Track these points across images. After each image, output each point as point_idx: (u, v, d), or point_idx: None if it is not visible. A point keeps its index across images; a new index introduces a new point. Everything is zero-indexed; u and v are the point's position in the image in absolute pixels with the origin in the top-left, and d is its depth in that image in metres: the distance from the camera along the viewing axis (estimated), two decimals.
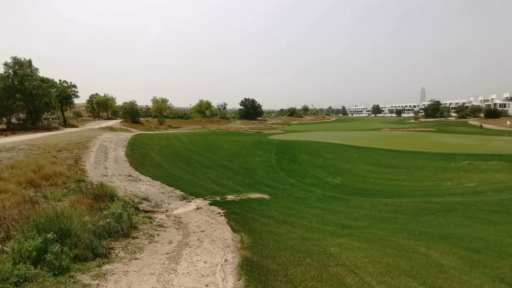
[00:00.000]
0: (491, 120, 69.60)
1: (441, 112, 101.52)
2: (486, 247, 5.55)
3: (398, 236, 6.63)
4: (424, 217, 8.66)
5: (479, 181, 13.80)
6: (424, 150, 25.33)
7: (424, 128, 58.33)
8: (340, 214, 9.68)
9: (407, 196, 12.14)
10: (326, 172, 18.42)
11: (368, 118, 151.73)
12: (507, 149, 24.32)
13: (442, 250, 5.29)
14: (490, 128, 54.42)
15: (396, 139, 36.49)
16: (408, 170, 17.91)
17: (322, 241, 6.20)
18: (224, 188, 13.42)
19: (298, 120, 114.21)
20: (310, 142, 31.54)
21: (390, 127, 68.48)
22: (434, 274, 4.03)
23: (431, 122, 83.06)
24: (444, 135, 40.86)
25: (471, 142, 30.28)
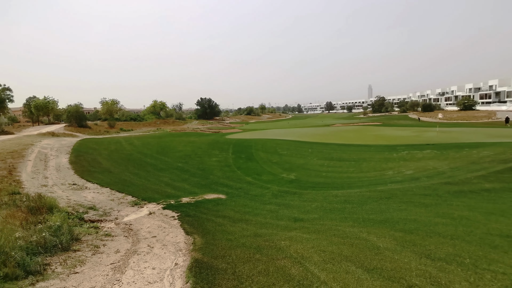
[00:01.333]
0: (427, 113, 77.10)
1: (386, 107, 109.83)
2: (417, 227, 6.15)
3: (345, 225, 7.06)
4: (368, 205, 9.32)
5: (415, 168, 15.23)
6: (371, 143, 27.24)
7: (371, 123, 62.69)
8: (294, 208, 10.01)
9: (355, 187, 12.95)
10: (282, 168, 18.90)
11: (322, 115, 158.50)
12: (438, 139, 27.18)
13: (380, 234, 5.75)
14: (426, 121, 60.22)
15: (347, 134, 38.70)
16: (356, 162, 19.11)
17: (274, 236, 6.37)
18: (179, 191, 13.10)
19: (256, 118, 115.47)
20: (266, 140, 32.09)
21: (342, 122, 72.38)
22: (371, 256, 4.37)
23: (377, 116, 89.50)
24: (388, 128, 44.34)
25: (410, 134, 33.28)
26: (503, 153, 15.55)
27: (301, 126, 64.81)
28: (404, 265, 3.97)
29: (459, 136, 28.88)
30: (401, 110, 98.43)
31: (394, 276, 3.62)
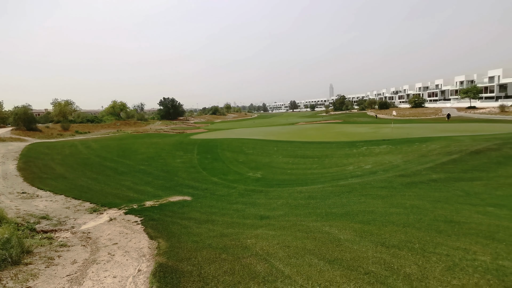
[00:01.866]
0: (383, 110, 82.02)
1: (346, 105, 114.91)
2: (374, 218, 6.56)
3: (309, 220, 7.31)
4: (331, 199, 9.73)
5: (373, 163, 16.17)
6: (333, 140, 28.39)
7: (333, 120, 65.30)
8: (260, 206, 10.13)
9: (318, 183, 13.43)
10: (248, 167, 19.01)
11: (286, 114, 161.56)
12: (393, 134, 29.08)
13: (341, 227, 6.04)
14: (383, 118, 64.02)
15: (310, 132, 39.93)
16: (319, 159, 19.82)
17: (241, 235, 6.41)
18: (142, 195, 12.64)
19: (222, 118, 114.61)
20: (232, 140, 32.04)
21: (305, 121, 74.41)
22: (332, 248, 4.59)
23: (338, 114, 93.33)
24: (348, 125, 46.51)
25: (368, 130, 35.20)
26: (447, 146, 17.06)
27: (266, 125, 65.58)
28: (362, 254, 4.22)
29: (411, 131, 31.13)
30: (360, 108, 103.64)
31: (353, 265, 3.84)
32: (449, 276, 3.42)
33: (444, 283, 3.25)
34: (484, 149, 14.74)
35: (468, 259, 3.87)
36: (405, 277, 3.43)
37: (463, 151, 14.96)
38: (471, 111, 59.26)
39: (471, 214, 6.72)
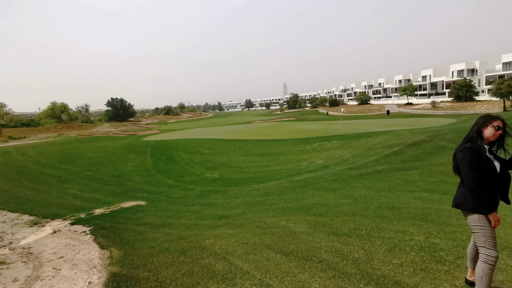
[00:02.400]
0: (333, 108, 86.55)
1: (299, 103, 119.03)
2: (327, 210, 6.95)
3: (266, 216, 7.49)
4: (287, 195, 10.07)
5: (325, 158, 17.06)
6: (287, 137, 29.28)
7: (288, 118, 67.25)
8: (219, 206, 10.11)
9: (275, 179, 13.78)
10: (205, 167, 18.79)
11: (242, 112, 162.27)
12: (343, 130, 30.93)
13: (297, 220, 6.30)
14: (333, 114, 67.58)
15: (266, 130, 40.67)
16: (275, 156, 20.32)
17: (199, 236, 6.35)
18: (91, 202, 11.81)
19: (176, 118, 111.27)
20: (188, 140, 31.36)
21: (261, 119, 75.52)
22: (288, 241, 4.78)
23: (292, 112, 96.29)
24: (301, 122, 48.31)
25: (320, 127, 36.96)
26: (389, 140, 18.66)
27: (222, 124, 65.23)
28: (316, 244, 4.47)
29: (358, 127, 33.39)
30: (312, 106, 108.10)
31: (308, 255, 4.05)
32: (390, 256, 3.79)
33: (386, 263, 3.59)
34: (419, 141, 16.41)
35: (406, 240, 4.33)
36: (354, 261, 3.73)
37: (402, 143, 16.50)
38: (409, 107, 65.37)
39: (409, 200, 7.47)
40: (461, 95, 57.19)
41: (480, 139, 2.65)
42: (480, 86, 63.65)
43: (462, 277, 3.18)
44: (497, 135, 2.58)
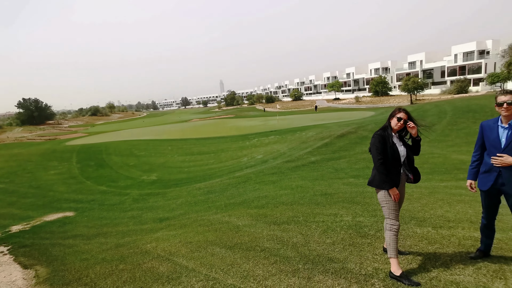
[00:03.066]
0: (270, 104, 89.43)
1: (237, 100, 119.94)
2: (268, 202, 7.28)
3: (209, 213, 7.51)
4: (229, 191, 10.20)
5: (264, 153, 17.67)
6: (227, 134, 29.42)
7: (226, 115, 67.34)
8: (159, 209, 9.75)
9: (216, 177, 13.80)
10: (141, 170, 17.81)
11: (178, 111, 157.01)
12: (279, 125, 32.32)
13: (239, 214, 6.48)
14: (270, 111, 69.88)
15: (205, 128, 40.15)
16: (215, 154, 20.28)
17: (139, 242, 6.07)
18: (6, 219, 10.30)
19: (105, 119, 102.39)
20: (120, 142, 29.20)
21: (199, 117, 74.14)
22: (232, 235, 4.91)
23: (230, 109, 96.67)
24: (240, 119, 48.92)
25: (258, 123, 37.97)
26: (321, 133, 20.18)
27: (158, 123, 62.22)
28: (258, 235, 4.69)
29: (293, 122, 35.23)
30: (249, 103, 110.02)
31: (251, 246, 4.24)
32: (324, 237, 4.21)
33: (320, 244, 3.98)
34: (346, 132, 18.12)
35: (337, 221, 4.83)
36: (293, 245, 4.03)
37: (332, 135, 18.00)
38: (337, 102, 71.26)
39: (339, 186, 8.27)
40: (378, 90, 64.54)
41: (390, 128, 3.14)
42: (392, 83, 72.65)
43: (380, 246, 3.72)
44: (399, 124, 3.08)
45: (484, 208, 3.20)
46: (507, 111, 2.84)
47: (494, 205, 3.10)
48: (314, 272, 3.24)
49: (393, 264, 3.00)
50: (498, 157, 2.87)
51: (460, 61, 56.98)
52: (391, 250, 3.03)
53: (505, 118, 2.90)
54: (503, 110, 2.87)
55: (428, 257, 3.40)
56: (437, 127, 17.20)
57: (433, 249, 3.59)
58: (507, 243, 3.54)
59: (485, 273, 2.93)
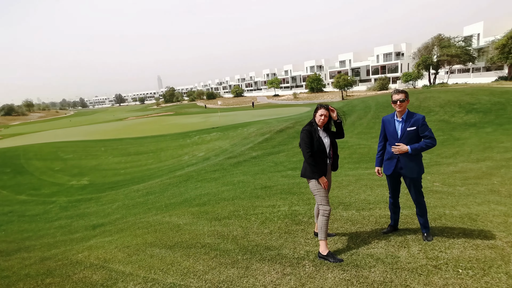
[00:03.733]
0: (211, 100, 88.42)
1: (176, 97, 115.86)
2: (209, 199, 7.32)
3: (148, 215, 7.24)
4: (169, 191, 9.93)
5: (206, 150, 17.53)
6: (166, 132, 28.33)
7: (165, 113, 64.61)
8: (92, 215, 9.06)
9: (156, 177, 13.27)
10: (69, 175, 16.19)
11: (112, 109, 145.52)
12: (221, 122, 32.29)
13: (180, 214, 6.40)
14: (211, 107, 69.16)
15: (142, 126, 37.99)
16: (155, 153, 19.43)
17: (69, 252, 5.59)
18: None
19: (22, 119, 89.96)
20: (42, 145, 26.00)
21: (135, 115, 69.75)
22: (172, 235, 4.86)
23: (170, 106, 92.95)
24: (180, 117, 47.46)
25: (199, 120, 37.34)
26: (261, 128, 20.77)
27: (88, 123, 56.82)
28: (199, 232, 4.73)
29: (235, 118, 35.49)
30: (190, 99, 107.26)
31: (192, 243, 4.26)
32: (263, 228, 4.44)
33: (259, 234, 4.20)
34: (285, 127, 18.98)
35: (275, 212, 5.12)
36: (233, 238, 4.18)
37: (272, 131, 18.68)
38: (276, 98, 73.77)
39: (278, 178, 8.70)
40: (314, 87, 68.72)
41: (315, 123, 3.45)
42: (326, 80, 78.00)
43: (312, 231, 4.08)
44: (322, 120, 3.41)
45: (389, 190, 3.75)
46: (400, 107, 3.37)
47: (397, 186, 3.67)
48: (252, 261, 3.42)
49: (322, 245, 3.34)
50: (396, 146, 3.40)
51: (381, 61, 63.81)
52: (322, 233, 3.36)
53: (399, 113, 3.43)
54: (397, 107, 3.39)
55: (350, 236, 3.85)
56: (363, 120, 19.09)
57: (355, 228, 4.08)
58: (411, 217, 4.20)
59: (394, 244, 3.46)
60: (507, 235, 3.53)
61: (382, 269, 2.96)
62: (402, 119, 3.40)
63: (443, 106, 18.00)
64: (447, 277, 2.72)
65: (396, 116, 3.47)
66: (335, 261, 3.18)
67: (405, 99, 3.34)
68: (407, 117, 3.37)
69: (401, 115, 3.41)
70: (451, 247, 3.29)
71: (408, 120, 3.36)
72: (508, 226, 3.85)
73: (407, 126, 3.34)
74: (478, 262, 2.94)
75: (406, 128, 3.35)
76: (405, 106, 3.39)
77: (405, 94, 3.35)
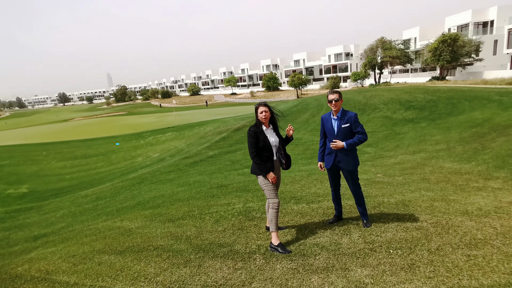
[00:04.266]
0: (166, 99, 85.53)
1: (129, 96, 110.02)
2: (164, 201, 7.15)
3: (98, 221, 6.86)
4: (122, 195, 9.48)
5: (161, 151, 16.99)
6: (118, 133, 26.84)
7: (116, 113, 61.07)
8: (33, 226, 8.32)
9: (106, 181, 12.55)
10: (5, 183, 14.63)
11: (55, 109, 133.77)
12: (176, 121, 31.46)
13: (133, 217, 6.17)
14: (166, 106, 66.95)
15: (91, 127, 35.51)
16: (105, 156, 18.32)
17: (7, 267, 5.10)
18: None
19: None
20: None
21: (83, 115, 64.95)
22: (123, 240, 4.68)
23: (122, 106, 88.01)
24: (133, 116, 45.21)
25: (153, 120, 35.95)
26: (218, 127, 20.68)
27: (27, 124, 51.51)
28: (152, 234, 4.63)
29: (191, 117, 34.80)
30: (143, 98, 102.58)
31: (143, 246, 4.16)
32: (217, 226, 4.49)
33: (213, 232, 4.25)
34: (242, 126, 19.12)
35: (229, 210, 5.20)
36: (187, 239, 4.17)
37: (229, 129, 18.70)
38: (234, 97, 73.78)
39: (234, 177, 8.79)
40: (270, 85, 69.98)
41: (260, 122, 3.58)
42: (282, 79, 79.88)
43: (264, 226, 4.24)
44: (263, 117, 3.53)
45: (330, 183, 4.04)
46: (335, 107, 3.67)
47: (337, 179, 3.97)
48: (205, 259, 3.46)
49: (273, 237, 3.50)
50: (333, 143, 3.68)
51: (332, 61, 67.14)
52: (272, 225, 3.52)
53: (335, 112, 3.73)
54: (332, 106, 3.69)
55: (300, 228, 4.08)
56: (316, 118, 19.99)
57: (305, 220, 4.33)
58: (354, 207, 4.57)
59: (337, 232, 3.75)
60: (431, 217, 4.02)
61: (325, 256, 3.19)
62: (337, 117, 3.69)
63: (387, 103, 19.57)
64: (380, 258, 3.04)
65: (332, 114, 3.76)
66: (284, 252, 3.36)
67: (339, 98, 3.61)
68: (341, 115, 3.65)
69: (336, 114, 3.69)
70: (385, 231, 3.65)
71: (343, 117, 3.64)
72: (434, 209, 4.38)
73: (342, 124, 3.63)
74: (406, 242, 3.32)
75: (341, 125, 3.64)
76: (340, 105, 3.66)
77: (339, 94, 3.62)
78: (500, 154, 8.43)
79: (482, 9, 40.10)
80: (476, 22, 39.53)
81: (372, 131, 14.92)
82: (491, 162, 7.79)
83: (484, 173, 6.81)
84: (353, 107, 20.24)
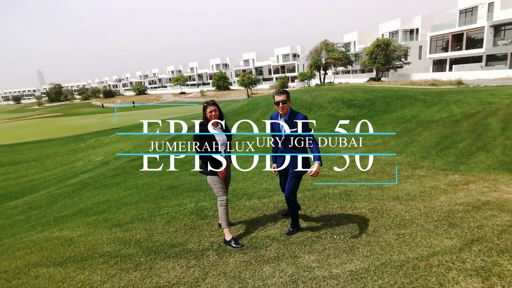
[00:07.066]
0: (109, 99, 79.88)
1: (65, 95, 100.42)
2: (109, 206, 6.73)
3: (32, 233, 6.19)
4: (60, 203, 8.67)
5: (104, 153, 15.88)
6: (53, 136, 24.36)
7: (51, 114, 55.33)
8: None
9: (40, 189, 11.36)
10: None
11: None
12: (122, 122, 29.61)
13: (74, 226, 5.70)
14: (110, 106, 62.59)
15: (19, 130, 31.62)
16: (38, 161, 16.52)
17: None
18: None
19: None
20: None
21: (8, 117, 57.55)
22: (63, 250, 4.32)
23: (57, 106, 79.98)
24: (71, 118, 41.36)
25: (95, 121, 33.34)
26: (167, 127, 19.99)
27: None
28: (97, 241, 4.35)
29: (137, 118, 33.02)
30: (83, 98, 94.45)
31: (87, 254, 3.90)
32: (168, 227, 4.40)
33: (164, 234, 4.15)
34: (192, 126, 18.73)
35: (181, 210, 5.11)
36: (136, 242, 4.01)
37: (178, 130, 18.20)
38: (183, 96, 71.82)
39: (185, 177, 8.61)
40: (220, 85, 69.63)
41: (207, 120, 3.59)
42: (232, 78, 79.99)
43: (217, 223, 4.27)
44: (212, 115, 3.55)
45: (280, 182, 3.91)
46: (283, 110, 3.34)
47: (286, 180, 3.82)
48: (156, 260, 3.38)
49: (226, 233, 3.56)
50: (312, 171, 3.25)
51: (281, 61, 69.23)
52: (223, 222, 3.57)
53: (283, 114, 3.40)
54: (280, 109, 3.34)
55: (252, 222, 4.19)
56: (266, 117, 20.47)
57: (256, 215, 4.46)
58: (303, 199, 4.84)
59: (287, 224, 3.94)
60: (369, 204, 4.45)
61: (276, 246, 3.35)
62: (284, 120, 3.38)
63: (331, 102, 20.85)
64: (325, 243, 3.30)
65: (280, 116, 3.45)
66: (237, 246, 3.44)
67: (287, 100, 3.29)
68: (289, 117, 3.35)
69: (284, 116, 3.39)
70: (330, 219, 3.95)
71: (291, 119, 3.34)
72: (371, 197, 4.84)
73: (290, 127, 3.34)
74: (348, 227, 3.64)
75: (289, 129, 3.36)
76: (287, 107, 3.36)
77: (286, 95, 3.30)
78: (424, 146, 9.60)
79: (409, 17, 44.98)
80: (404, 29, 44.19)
81: (319, 128, 15.80)
82: (417, 153, 8.84)
83: (412, 163, 7.70)
84: (300, 106, 21.16)
